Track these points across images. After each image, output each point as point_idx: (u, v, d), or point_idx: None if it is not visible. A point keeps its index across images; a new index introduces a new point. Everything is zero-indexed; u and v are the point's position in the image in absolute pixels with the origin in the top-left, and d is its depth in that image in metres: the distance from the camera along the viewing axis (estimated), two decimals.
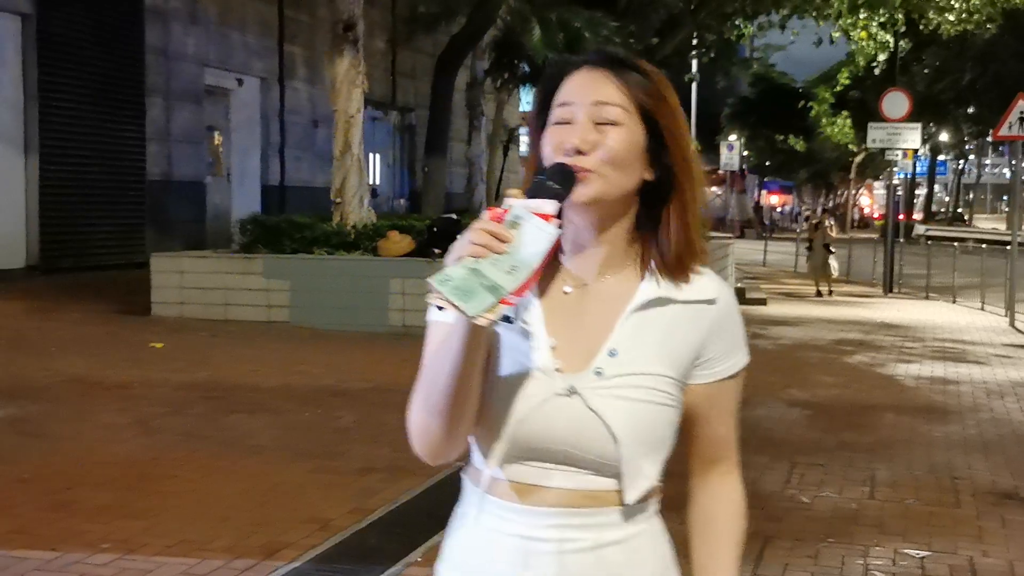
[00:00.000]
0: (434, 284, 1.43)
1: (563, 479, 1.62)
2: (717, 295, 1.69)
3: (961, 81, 43.45)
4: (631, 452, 1.60)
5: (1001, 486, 6.59)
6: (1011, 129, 15.72)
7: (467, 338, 1.52)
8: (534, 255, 1.46)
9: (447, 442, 1.63)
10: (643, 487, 1.63)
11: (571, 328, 1.65)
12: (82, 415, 7.55)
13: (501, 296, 1.43)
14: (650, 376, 1.62)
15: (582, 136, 1.60)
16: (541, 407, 1.60)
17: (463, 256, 1.46)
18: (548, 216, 1.48)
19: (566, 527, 1.62)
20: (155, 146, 18.96)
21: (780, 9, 22.27)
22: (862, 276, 24.24)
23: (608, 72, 1.65)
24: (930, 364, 11.72)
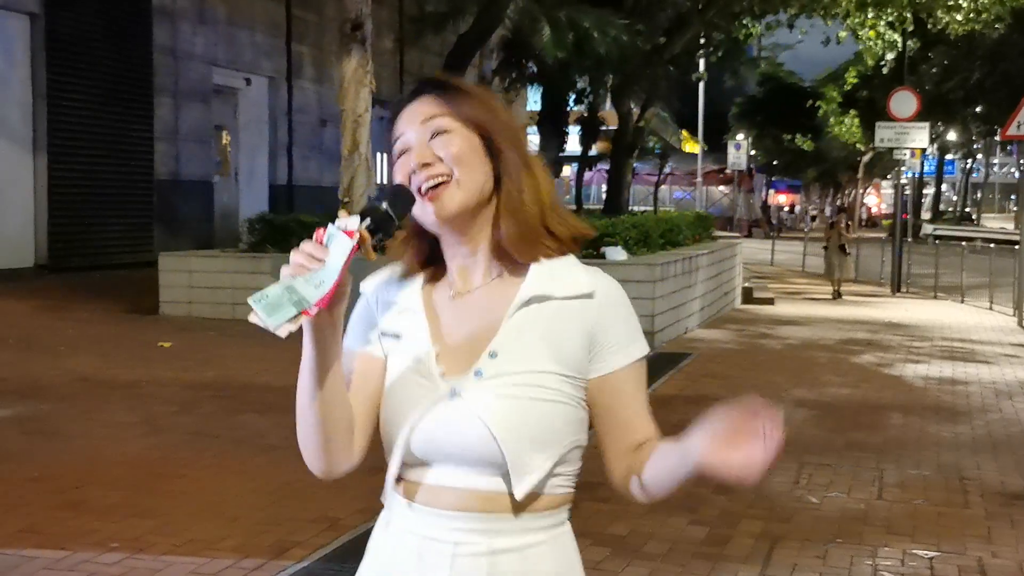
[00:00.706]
0: (250, 302, 1.52)
1: (457, 479, 1.66)
2: (593, 288, 1.71)
3: (970, 80, 43.33)
4: (513, 449, 1.62)
5: (1010, 487, 6.58)
6: (1019, 128, 15.68)
7: (310, 351, 1.60)
8: (335, 267, 1.55)
9: (326, 453, 1.70)
10: (531, 482, 1.64)
11: (456, 334, 1.72)
12: (91, 414, 7.58)
13: (304, 308, 1.53)
14: (532, 374, 1.65)
15: (420, 151, 1.69)
16: (428, 412, 1.67)
17: (286, 274, 1.54)
18: (351, 232, 1.56)
19: (462, 530, 1.66)
20: (163, 145, 19.01)
21: (788, 8, 22.22)
22: (870, 276, 24.19)
23: (429, 96, 1.73)
24: (938, 364, 11.70)
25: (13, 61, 16.25)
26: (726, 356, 11.92)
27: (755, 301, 18.29)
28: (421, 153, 1.69)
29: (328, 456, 1.70)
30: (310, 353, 1.61)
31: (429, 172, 1.68)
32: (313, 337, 1.59)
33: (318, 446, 1.69)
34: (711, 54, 27.64)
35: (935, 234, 38.14)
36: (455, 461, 1.66)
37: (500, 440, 1.62)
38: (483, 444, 1.63)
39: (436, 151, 1.69)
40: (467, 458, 1.65)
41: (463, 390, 1.66)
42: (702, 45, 26.17)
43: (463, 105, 1.72)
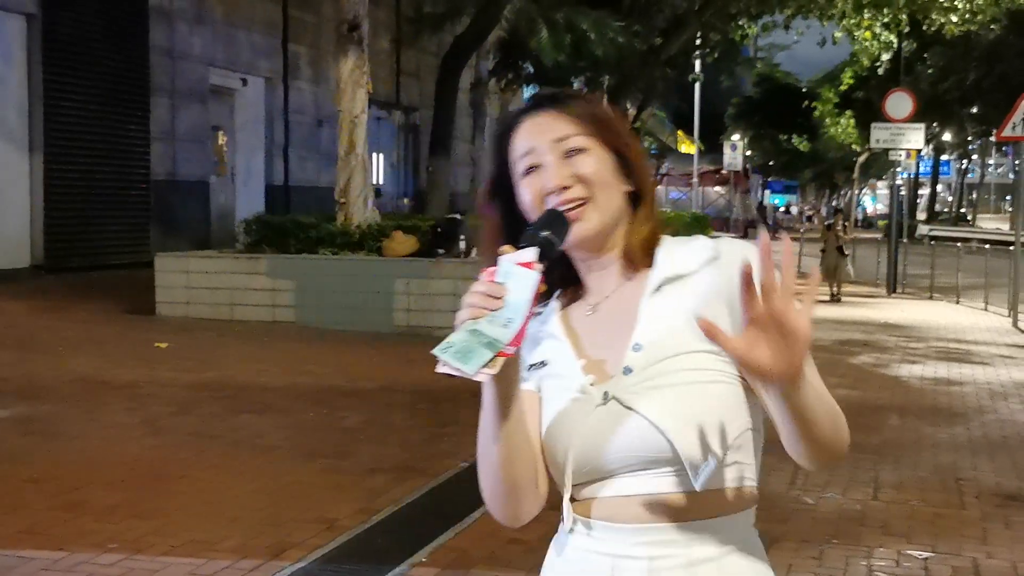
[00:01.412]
0: (437, 353, 1.48)
1: (634, 487, 1.60)
2: (715, 250, 1.66)
3: (966, 81, 43.40)
4: (681, 436, 1.56)
5: (1006, 488, 6.61)
6: (1015, 130, 15.72)
7: (494, 394, 1.56)
8: (522, 302, 1.50)
9: (516, 501, 1.66)
10: (708, 470, 1.57)
11: (599, 343, 1.67)
12: (91, 415, 7.59)
13: (498, 349, 1.47)
14: (682, 356, 1.60)
15: (558, 172, 1.66)
16: (587, 424, 1.61)
17: (464, 319, 1.50)
18: (529, 263, 1.52)
19: (656, 543, 1.59)
20: (160, 146, 19.01)
21: (784, 9, 22.27)
22: (866, 276, 24.23)
23: (552, 111, 1.70)
24: (934, 365, 11.73)
25: (10, 62, 16.23)
26: None
27: None
28: (559, 174, 1.66)
29: (516, 501, 1.66)
30: (493, 399, 1.57)
31: (568, 196, 1.65)
32: (496, 382, 1.54)
33: (506, 492, 1.64)
34: (707, 55, 27.69)
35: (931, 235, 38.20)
36: (626, 466, 1.60)
37: (665, 430, 1.56)
38: (649, 439, 1.57)
39: (573, 172, 1.66)
40: (637, 459, 1.59)
41: (615, 391, 1.61)
42: (698, 46, 26.22)
43: (594, 123, 1.69)
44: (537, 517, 1.70)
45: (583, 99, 1.74)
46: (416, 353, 10.92)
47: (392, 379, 9.45)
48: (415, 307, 12.13)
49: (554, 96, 1.73)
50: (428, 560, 4.87)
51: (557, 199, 1.64)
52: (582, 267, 1.73)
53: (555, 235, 1.60)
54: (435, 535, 5.16)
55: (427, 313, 12.06)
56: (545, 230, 1.60)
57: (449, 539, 5.15)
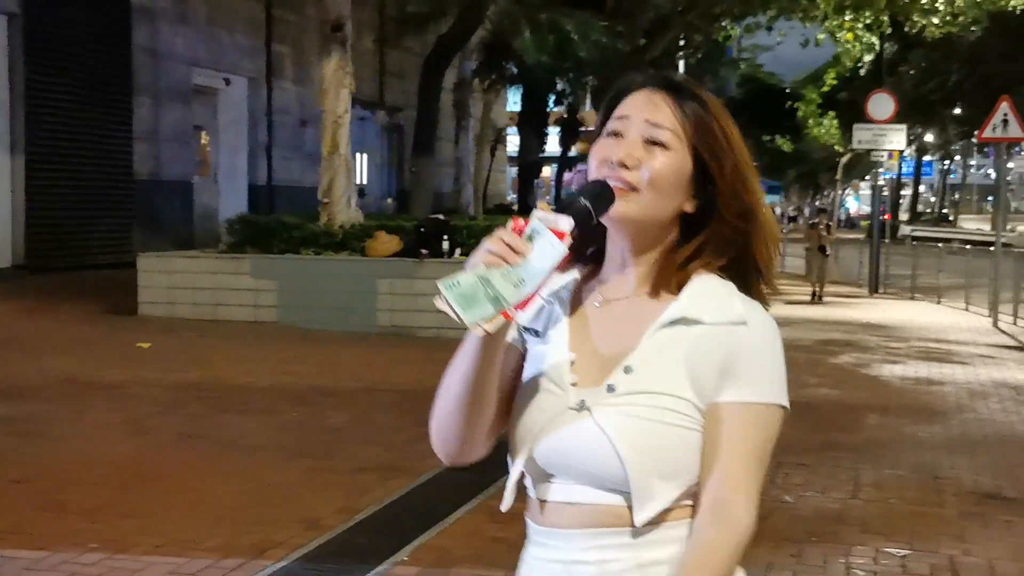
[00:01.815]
0: (441, 287, 1.45)
1: (582, 495, 1.60)
2: (748, 318, 1.62)
3: (948, 82, 43.63)
4: (639, 472, 1.55)
5: (984, 486, 6.66)
6: (995, 131, 15.83)
7: (479, 346, 1.55)
8: (541, 270, 1.46)
9: (460, 444, 1.66)
10: (654, 509, 1.57)
11: (596, 344, 1.65)
12: (74, 415, 7.59)
13: (502, 308, 1.44)
14: (665, 396, 1.57)
15: (628, 151, 1.61)
16: (553, 420, 1.61)
17: (477, 263, 1.47)
18: (562, 233, 1.48)
19: (604, 547, 1.59)
20: (143, 146, 18.96)
21: (767, 10, 22.35)
22: (848, 276, 24.34)
23: (667, 95, 1.65)
24: (915, 364, 11.81)
25: None
26: None
27: None
28: (629, 152, 1.61)
29: (466, 445, 1.66)
30: (478, 350, 1.55)
31: (622, 175, 1.60)
32: (481, 340, 1.53)
33: (458, 433, 1.64)
34: (691, 56, 27.75)
35: (913, 235, 38.40)
36: (577, 476, 1.60)
37: (626, 462, 1.55)
38: (608, 464, 1.56)
39: (642, 158, 1.61)
40: (592, 476, 1.58)
41: (593, 404, 1.59)
42: (682, 47, 26.29)
43: (697, 128, 1.64)
44: (519, 517, 1.72)
45: (705, 103, 1.67)
46: (399, 353, 10.95)
47: (375, 379, 9.48)
48: (398, 307, 12.14)
49: (678, 85, 1.68)
50: (410, 559, 4.89)
51: (614, 172, 1.61)
52: (612, 251, 1.69)
53: (595, 207, 1.57)
54: (417, 534, 5.19)
55: (410, 313, 12.07)
56: (587, 199, 1.57)
57: (431, 538, 5.17)
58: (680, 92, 1.66)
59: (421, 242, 12.34)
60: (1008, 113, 15.46)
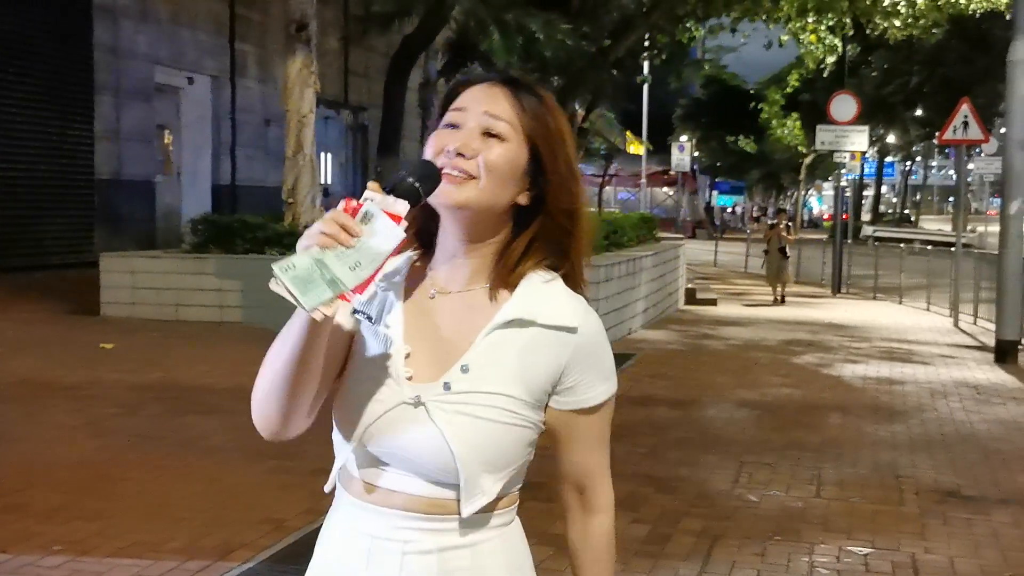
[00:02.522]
0: (276, 270, 1.41)
1: (408, 484, 1.64)
2: (580, 324, 1.67)
3: (909, 84, 44.04)
4: (470, 469, 1.61)
5: (944, 485, 6.74)
6: (955, 133, 15.98)
7: (307, 328, 1.54)
8: (378, 255, 1.45)
9: (282, 420, 1.65)
10: (480, 502, 1.63)
11: (430, 337, 1.67)
12: (34, 416, 7.52)
13: (340, 291, 1.42)
14: (499, 396, 1.63)
15: (465, 140, 1.63)
16: (388, 413, 1.63)
17: (310, 245, 1.45)
18: (399, 217, 1.47)
19: (410, 529, 1.65)
20: (104, 144, 18.81)
21: (731, 12, 22.46)
22: (811, 276, 24.51)
23: (505, 89, 1.68)
24: (876, 364, 11.91)
25: None
26: (669, 357, 12.05)
27: (698, 302, 18.47)
28: (465, 142, 1.63)
29: (286, 420, 1.66)
30: (305, 328, 1.54)
31: (459, 164, 1.62)
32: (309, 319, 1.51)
33: (281, 410, 1.64)
34: (655, 56, 27.83)
35: (875, 236, 38.71)
36: (408, 467, 1.64)
37: (458, 458, 1.60)
38: (440, 459, 1.61)
39: (479, 148, 1.63)
40: (420, 468, 1.63)
41: (428, 400, 1.63)
42: (646, 48, 26.35)
43: (533, 122, 1.67)
44: None
45: (540, 98, 1.70)
46: None
47: None
48: None
49: (515, 79, 1.71)
50: None
51: (451, 161, 1.62)
52: (444, 240, 1.70)
53: (423, 188, 1.56)
54: None
55: None
56: (415, 179, 1.55)
57: None
58: (518, 87, 1.69)
59: None
60: (968, 115, 15.61)
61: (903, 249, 22.83)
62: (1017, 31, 12.56)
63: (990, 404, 9.60)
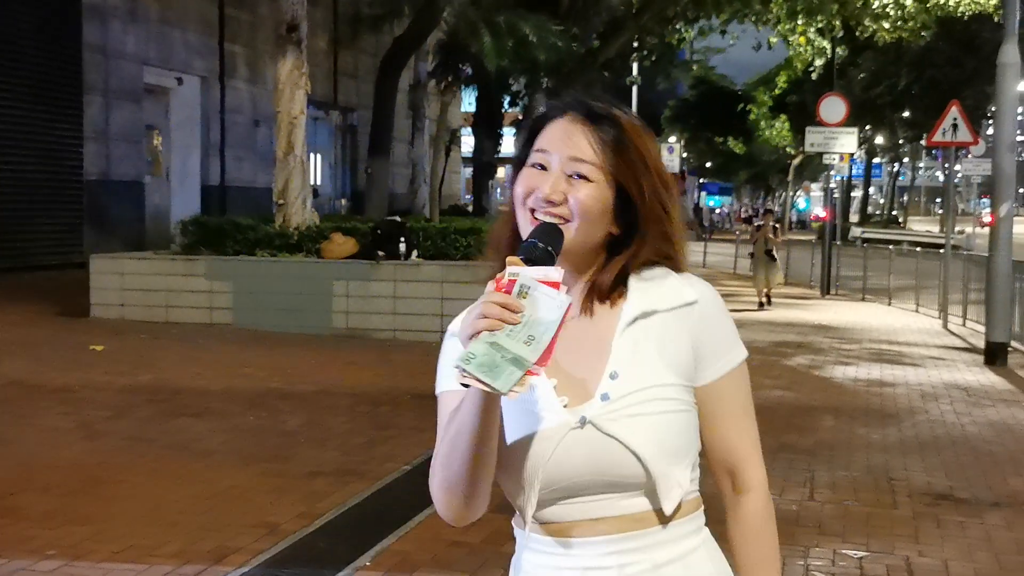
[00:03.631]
0: (460, 364, 1.46)
1: (602, 508, 1.67)
2: (698, 296, 1.75)
3: (897, 86, 44.17)
4: (657, 465, 1.65)
5: (936, 487, 6.75)
6: (944, 135, 16.01)
7: (484, 408, 1.57)
8: (550, 323, 1.48)
9: (471, 504, 1.68)
10: (677, 496, 1.68)
11: (568, 363, 1.69)
12: (24, 419, 7.48)
13: (526, 368, 1.46)
14: (656, 388, 1.68)
15: (553, 186, 1.69)
16: (559, 445, 1.65)
17: (479, 331, 1.49)
18: (556, 283, 1.50)
19: (623, 552, 1.67)
20: (93, 145, 18.75)
21: (720, 14, 22.51)
22: (800, 278, 24.55)
23: (586, 126, 1.72)
24: (867, 366, 11.93)
25: None
26: None
27: None
28: (554, 188, 1.69)
29: (470, 502, 1.68)
30: (482, 412, 1.57)
31: (551, 210, 1.68)
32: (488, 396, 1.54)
33: (465, 492, 1.66)
34: (645, 58, 27.89)
35: (863, 237, 38.80)
36: (600, 490, 1.66)
37: (645, 459, 1.64)
38: (626, 465, 1.64)
39: (568, 192, 1.68)
40: (612, 484, 1.66)
41: (593, 417, 1.65)
42: (636, 49, 26.41)
43: (617, 157, 1.71)
44: (479, 520, 1.75)
45: (619, 123, 1.74)
46: (355, 355, 10.91)
47: (331, 382, 9.43)
48: (354, 309, 12.10)
49: (594, 111, 1.74)
50: (372, 564, 4.87)
51: (542, 206, 1.68)
52: None
53: (554, 248, 1.62)
54: (378, 539, 5.17)
55: (366, 315, 12.04)
56: (545, 242, 1.61)
57: (392, 543, 5.16)
58: (597, 120, 1.73)
59: (377, 244, 12.29)
60: (958, 117, 15.65)
61: (892, 250, 22.86)
62: (1006, 34, 12.61)
63: (981, 406, 9.63)
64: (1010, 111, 12.57)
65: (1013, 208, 12.61)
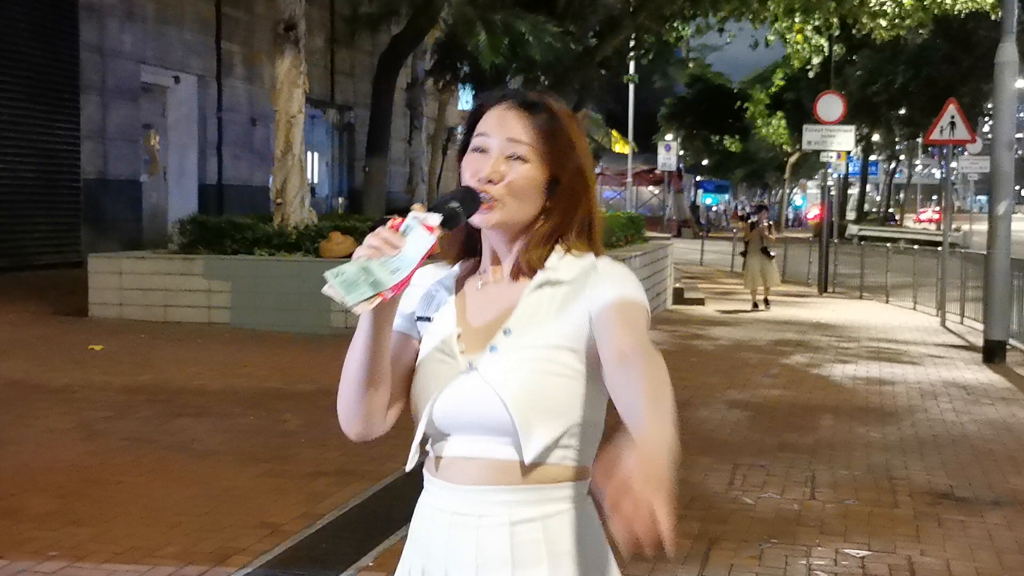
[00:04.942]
0: (327, 276, 1.70)
1: (475, 449, 1.84)
2: (598, 264, 1.89)
3: (894, 84, 44.18)
4: (522, 416, 1.78)
5: (937, 486, 6.75)
6: (942, 134, 16.03)
7: (370, 327, 1.80)
8: (413, 259, 1.72)
9: (363, 420, 1.90)
10: (537, 447, 1.79)
11: (479, 317, 1.92)
12: (24, 419, 7.47)
13: (380, 290, 1.70)
14: (541, 348, 1.82)
15: (492, 167, 1.87)
16: (448, 386, 1.86)
17: (360, 255, 1.73)
18: (431, 227, 1.74)
19: (485, 503, 1.83)
20: (90, 144, 18.73)
21: (717, 12, 22.49)
22: (797, 276, 24.56)
23: (522, 112, 1.90)
24: (866, 365, 11.93)
25: None
26: None
27: (686, 301, 18.49)
28: (493, 168, 1.87)
29: (366, 421, 1.90)
30: (368, 330, 1.80)
31: (487, 189, 1.86)
32: (373, 317, 1.78)
33: (359, 412, 1.88)
34: (642, 56, 27.86)
35: (860, 235, 38.83)
36: (472, 430, 1.84)
37: (510, 407, 1.78)
38: (495, 412, 1.80)
39: (504, 172, 1.87)
40: (482, 426, 1.82)
41: (479, 364, 1.85)
42: (632, 47, 26.37)
43: (547, 141, 1.89)
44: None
45: (553, 113, 1.91)
46: None
47: (330, 381, 9.26)
48: None
49: (529, 101, 1.91)
50: (374, 564, 4.87)
51: (480, 186, 1.86)
52: (486, 244, 1.95)
53: (464, 209, 1.83)
54: (380, 539, 5.16)
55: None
56: (456, 202, 1.82)
57: (395, 543, 5.14)
58: (532, 107, 1.90)
59: None
60: (956, 116, 15.67)
61: (889, 248, 22.88)
62: (1004, 32, 12.62)
63: (980, 404, 9.63)
64: (1008, 109, 12.58)
65: (1012, 206, 12.63)
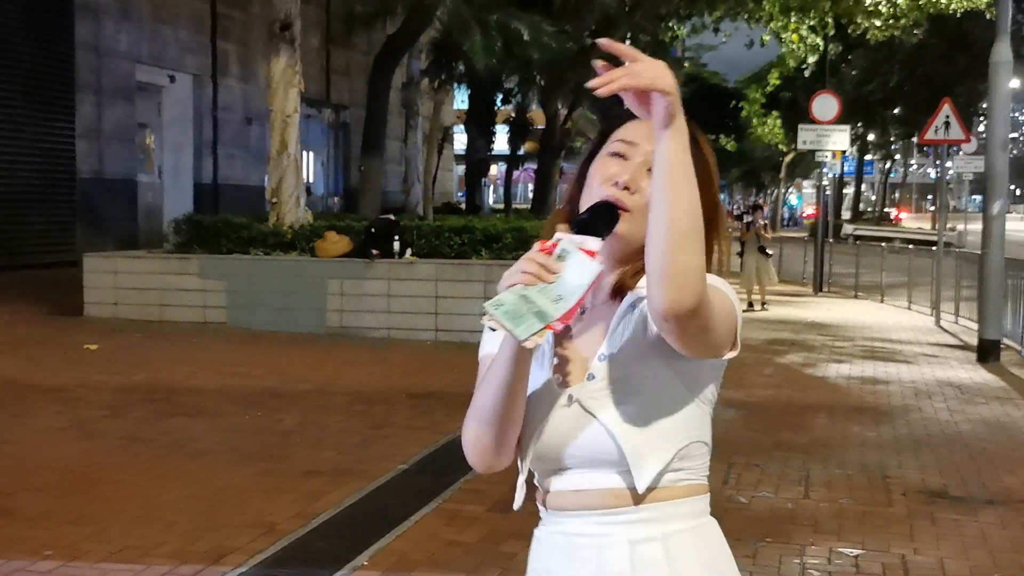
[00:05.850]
0: (488, 308, 1.59)
1: (585, 482, 1.78)
2: None
3: (889, 83, 44.25)
4: (630, 443, 1.73)
5: (931, 485, 6.77)
6: (937, 133, 16.05)
7: (514, 358, 1.71)
8: (578, 287, 1.62)
9: (496, 451, 1.81)
10: (651, 474, 1.74)
11: (576, 346, 1.83)
12: (19, 419, 7.48)
13: (547, 322, 1.59)
14: (638, 370, 1.76)
15: (633, 176, 1.80)
16: (550, 420, 1.79)
17: (514, 284, 1.62)
18: (593, 252, 1.64)
19: (603, 524, 1.77)
20: (86, 143, 18.72)
21: (713, 11, 22.54)
22: (793, 275, 24.59)
23: None
24: (860, 364, 11.95)
25: None
26: None
27: None
28: (633, 177, 1.79)
29: (499, 454, 1.81)
30: (511, 362, 1.71)
31: (624, 197, 1.78)
32: (519, 351, 1.69)
33: (496, 442, 1.79)
34: None
35: (855, 234, 38.86)
36: (580, 464, 1.78)
37: (618, 439, 1.73)
38: (602, 444, 1.74)
39: (644, 185, 1.77)
40: (590, 459, 1.76)
41: (578, 395, 1.77)
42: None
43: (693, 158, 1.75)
44: (476, 520, 1.82)
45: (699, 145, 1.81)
46: (350, 354, 10.91)
47: (326, 380, 9.43)
48: (348, 308, 12.09)
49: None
50: (369, 563, 4.88)
51: (618, 192, 1.78)
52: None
53: (604, 226, 1.73)
54: (375, 539, 5.17)
55: (360, 314, 12.03)
56: (598, 219, 1.73)
57: (389, 542, 5.16)
58: None
59: (371, 242, 12.28)
60: (950, 115, 15.69)
61: (884, 248, 22.90)
62: (999, 32, 12.63)
63: (974, 404, 9.65)
64: (1002, 109, 12.60)
65: (1006, 205, 12.64)
